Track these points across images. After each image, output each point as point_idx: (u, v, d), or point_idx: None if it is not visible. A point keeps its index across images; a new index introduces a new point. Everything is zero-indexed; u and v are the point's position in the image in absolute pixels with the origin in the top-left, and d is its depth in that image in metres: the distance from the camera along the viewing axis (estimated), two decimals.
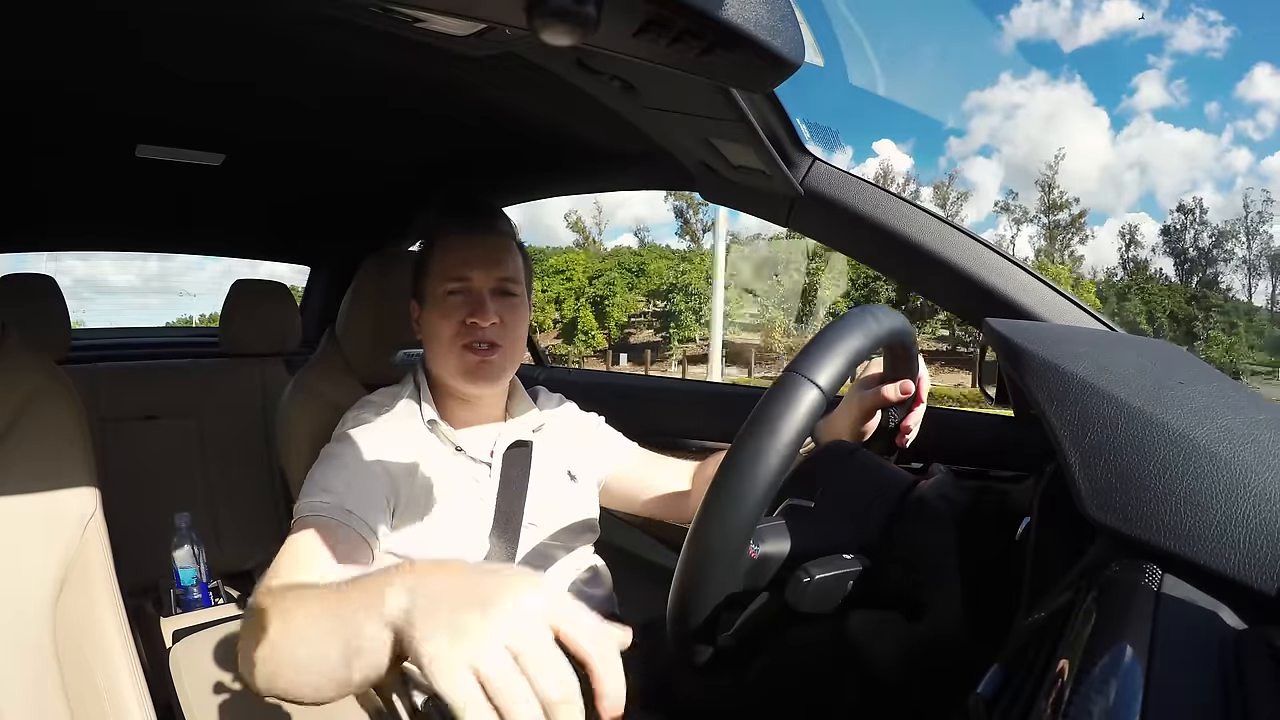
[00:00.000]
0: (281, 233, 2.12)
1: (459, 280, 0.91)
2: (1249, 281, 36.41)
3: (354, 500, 0.80)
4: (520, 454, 0.97)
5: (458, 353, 0.90)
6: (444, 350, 0.91)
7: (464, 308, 0.90)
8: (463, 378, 0.91)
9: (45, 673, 0.66)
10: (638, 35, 0.37)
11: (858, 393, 0.82)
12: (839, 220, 0.91)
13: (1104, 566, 0.42)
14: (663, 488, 1.05)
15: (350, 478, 0.83)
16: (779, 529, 0.58)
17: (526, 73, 0.77)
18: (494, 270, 0.92)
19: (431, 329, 0.93)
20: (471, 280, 0.91)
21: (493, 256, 0.93)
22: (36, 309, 1.49)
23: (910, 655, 0.66)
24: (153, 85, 1.11)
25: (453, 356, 0.91)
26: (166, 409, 1.71)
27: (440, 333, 0.91)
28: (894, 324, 0.62)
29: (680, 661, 0.57)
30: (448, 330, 0.90)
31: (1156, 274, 36.70)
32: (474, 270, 0.91)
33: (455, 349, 0.90)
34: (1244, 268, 36.20)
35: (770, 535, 0.58)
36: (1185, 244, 36.91)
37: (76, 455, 0.73)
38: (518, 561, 0.90)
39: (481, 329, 0.89)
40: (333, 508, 0.78)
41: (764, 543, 0.57)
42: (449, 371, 0.92)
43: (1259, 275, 36.31)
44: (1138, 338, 0.67)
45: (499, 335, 0.91)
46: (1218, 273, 36.28)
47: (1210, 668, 0.33)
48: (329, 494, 0.80)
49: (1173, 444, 0.42)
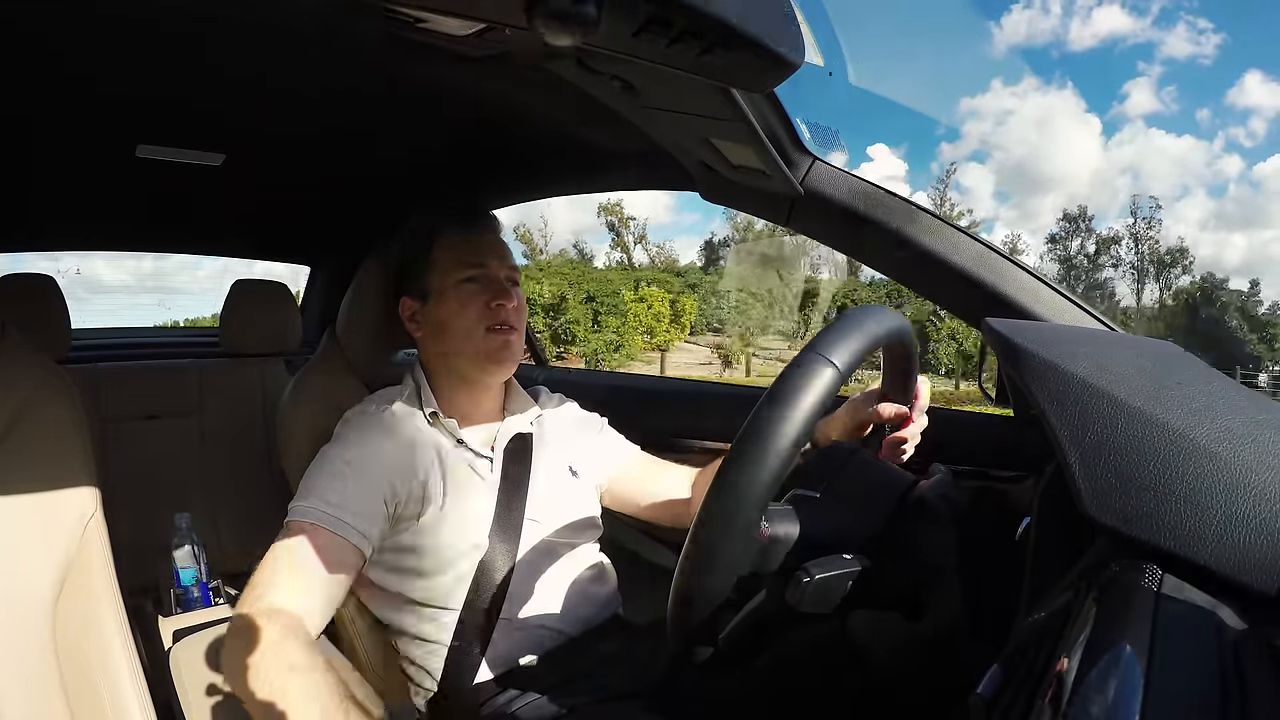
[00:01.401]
0: (282, 233, 2.12)
1: (477, 267, 0.94)
2: (1138, 286, 37.64)
3: (347, 506, 0.81)
4: (521, 449, 0.97)
5: (481, 335, 0.92)
6: (464, 335, 0.92)
7: (484, 293, 0.93)
8: (486, 360, 0.93)
9: (45, 672, 0.66)
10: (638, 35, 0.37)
11: (854, 405, 0.81)
12: (839, 220, 0.91)
13: (1104, 566, 0.42)
14: (664, 493, 1.05)
15: (346, 484, 0.83)
16: (789, 513, 0.58)
17: (526, 73, 0.77)
18: (505, 260, 0.96)
19: (446, 318, 0.93)
20: (489, 268, 0.94)
21: (501, 249, 0.97)
22: (36, 309, 1.49)
23: (910, 655, 0.66)
24: (153, 85, 1.11)
25: (476, 339, 0.92)
26: (166, 409, 1.70)
27: (461, 318, 0.92)
28: (904, 325, 0.63)
29: (682, 660, 0.57)
30: (470, 314, 0.92)
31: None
32: (490, 259, 0.95)
33: (479, 332, 0.92)
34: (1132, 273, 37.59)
35: (780, 518, 0.57)
36: (1071, 251, 38.18)
37: (76, 455, 0.73)
38: (519, 557, 0.91)
39: (505, 310, 0.93)
40: (323, 514, 0.80)
41: (775, 524, 0.57)
42: (470, 357, 0.93)
43: (1148, 279, 37.59)
44: (1138, 338, 0.67)
45: (516, 319, 0.95)
46: (1105, 278, 37.65)
47: (1210, 668, 0.33)
48: (321, 499, 0.81)
49: (1173, 444, 0.42)
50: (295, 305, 1.89)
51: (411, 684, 0.92)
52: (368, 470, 0.85)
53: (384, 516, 0.85)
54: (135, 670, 0.69)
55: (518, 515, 0.92)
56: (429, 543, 0.87)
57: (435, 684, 0.88)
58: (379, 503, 0.84)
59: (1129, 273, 37.86)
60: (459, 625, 0.87)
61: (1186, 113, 57.98)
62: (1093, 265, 37.98)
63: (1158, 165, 55.98)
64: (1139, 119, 57.96)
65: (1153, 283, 37.58)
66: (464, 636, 0.87)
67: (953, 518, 0.59)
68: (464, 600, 0.88)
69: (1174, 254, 37.49)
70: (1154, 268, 37.38)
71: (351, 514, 0.81)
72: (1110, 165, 57.27)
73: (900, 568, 0.58)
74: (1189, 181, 56.72)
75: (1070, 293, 0.83)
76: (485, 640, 0.87)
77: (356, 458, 0.86)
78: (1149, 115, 57.76)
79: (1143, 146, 56.78)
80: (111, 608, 0.70)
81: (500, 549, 0.90)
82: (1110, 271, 37.99)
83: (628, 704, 0.85)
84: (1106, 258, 37.97)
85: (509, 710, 0.84)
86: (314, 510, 0.80)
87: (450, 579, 0.88)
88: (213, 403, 1.75)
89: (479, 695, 0.86)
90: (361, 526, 0.81)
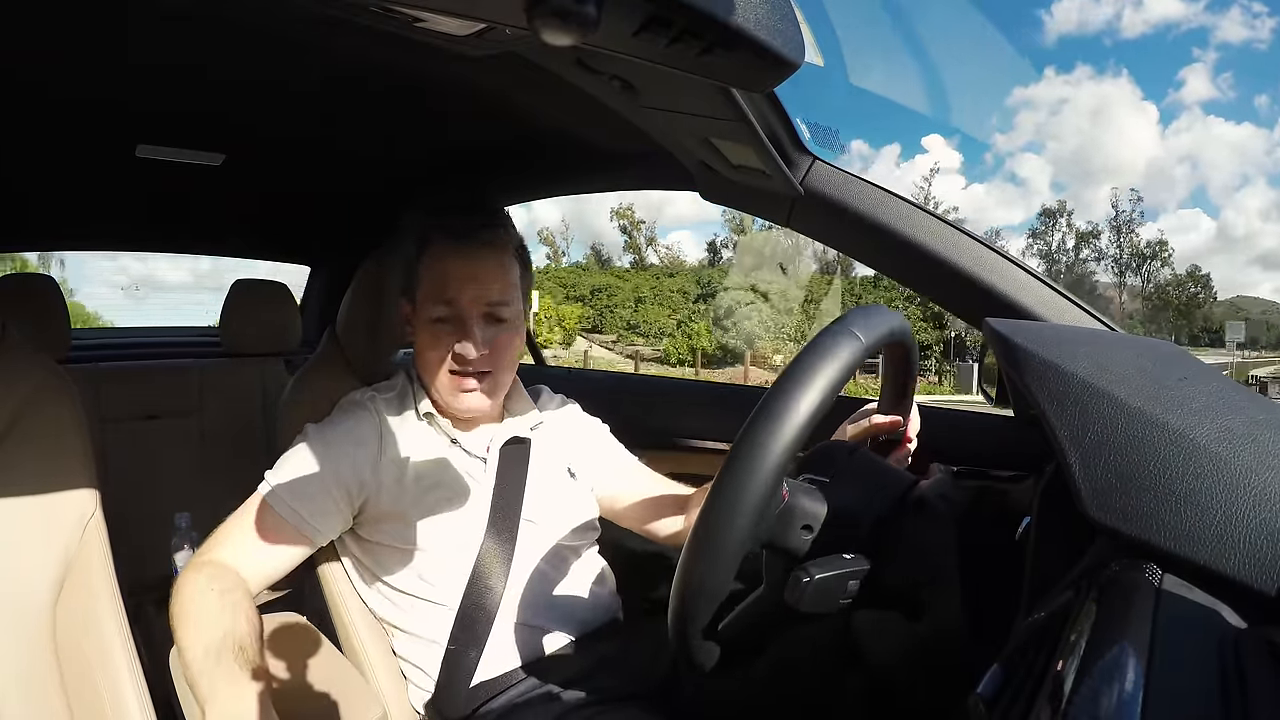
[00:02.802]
0: (282, 233, 2.12)
1: (446, 304, 0.88)
2: (1120, 279, 37.94)
3: (301, 498, 0.85)
4: (518, 451, 0.97)
5: (445, 377, 0.90)
6: (431, 374, 0.91)
7: (451, 337, 0.88)
8: (450, 400, 0.92)
9: (45, 672, 0.66)
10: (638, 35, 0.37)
11: (852, 419, 0.82)
12: (839, 220, 0.91)
13: (1104, 566, 0.42)
14: (659, 508, 1.03)
15: (307, 476, 0.86)
16: (805, 487, 0.58)
17: (526, 73, 0.77)
18: (483, 293, 0.88)
19: (419, 347, 0.92)
20: (460, 306, 0.88)
21: (482, 275, 0.89)
22: (36, 309, 1.49)
23: (910, 655, 0.66)
24: (153, 85, 1.11)
25: (441, 381, 0.91)
26: (166, 409, 1.70)
27: (428, 358, 0.91)
28: (907, 325, 0.64)
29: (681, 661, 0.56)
30: (435, 356, 0.90)
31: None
32: (462, 292, 0.88)
33: (443, 374, 0.90)
34: (1114, 266, 38.01)
35: (798, 489, 0.58)
36: (1051, 246, 38.52)
37: (76, 455, 0.73)
38: (515, 559, 0.90)
39: (468, 360, 0.88)
40: (277, 499, 0.85)
41: (794, 493, 0.57)
42: (437, 390, 0.92)
43: (1130, 272, 38.01)
44: (1138, 338, 0.67)
45: (487, 363, 0.90)
46: (1087, 272, 37.91)
47: (1210, 668, 0.33)
48: (283, 484, 0.86)
49: (1173, 444, 0.42)
50: (295, 305, 1.89)
51: (409, 684, 0.92)
52: (335, 463, 0.87)
53: (344, 510, 0.88)
54: (135, 670, 0.70)
55: (514, 517, 0.92)
56: (418, 539, 0.88)
57: (432, 685, 0.88)
58: (337, 499, 0.87)
59: (1111, 265, 38.46)
60: (455, 626, 0.87)
61: (1245, 99, 57.03)
62: (1075, 260, 38.43)
63: (1216, 154, 55.24)
64: (1196, 106, 57.11)
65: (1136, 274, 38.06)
66: (461, 637, 0.87)
67: (953, 518, 0.59)
68: (460, 600, 0.88)
69: (1153, 247, 37.88)
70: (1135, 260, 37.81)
71: (305, 508, 0.85)
72: (1168, 154, 56.59)
73: (900, 568, 0.58)
74: (1249, 170, 55.91)
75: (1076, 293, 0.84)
76: (482, 641, 0.87)
77: (326, 449, 0.88)
78: (1206, 102, 56.87)
79: (1200, 134, 55.88)
80: (111, 608, 0.71)
81: (496, 550, 0.90)
82: (1093, 265, 38.61)
83: (627, 706, 0.85)
84: (1090, 251, 38.43)
85: (507, 712, 0.84)
86: (273, 493, 0.86)
87: (443, 577, 0.88)
88: (213, 403, 1.76)
89: (476, 696, 0.86)
90: (312, 520, 0.85)
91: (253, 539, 0.83)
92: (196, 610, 0.73)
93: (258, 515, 0.84)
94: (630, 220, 41.61)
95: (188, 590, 0.76)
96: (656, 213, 49.95)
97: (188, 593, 0.75)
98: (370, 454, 0.88)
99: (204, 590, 0.75)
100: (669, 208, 53.89)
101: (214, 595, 0.75)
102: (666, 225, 62.97)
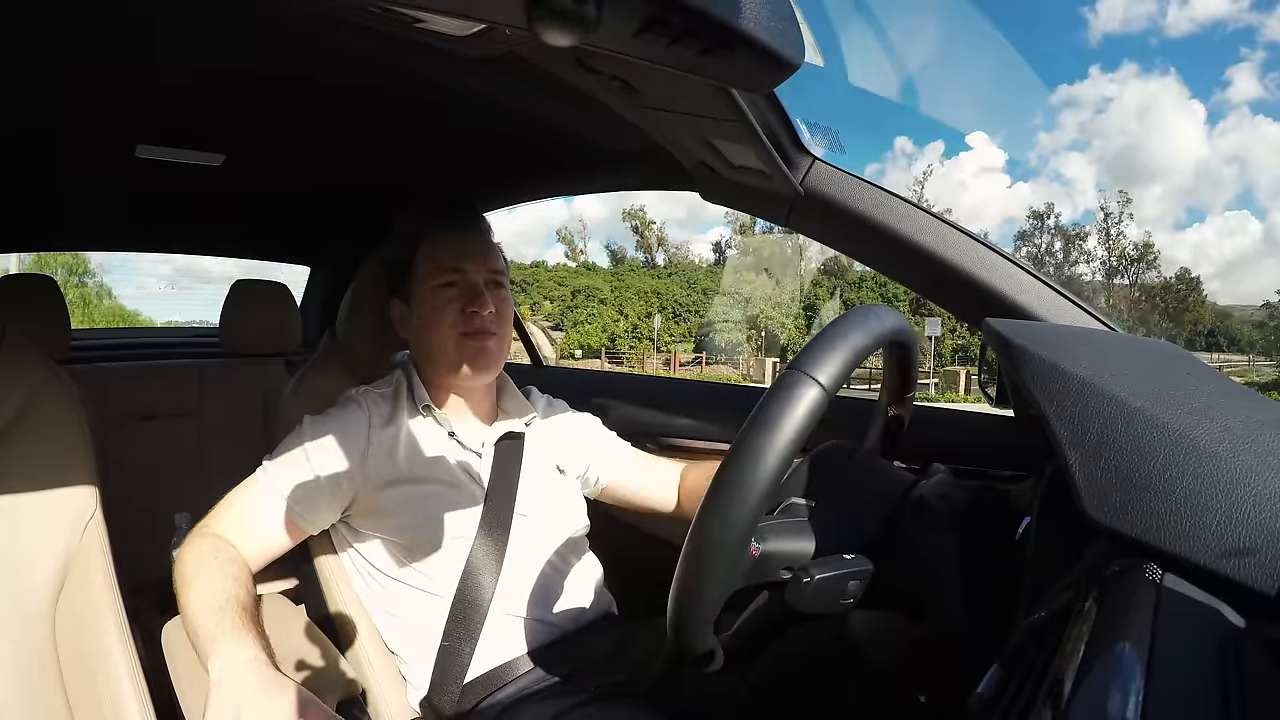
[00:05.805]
0: (281, 233, 2.12)
1: (454, 272, 0.93)
2: (1108, 280, 38.10)
3: (293, 490, 0.87)
4: (512, 446, 0.98)
5: (456, 341, 0.92)
6: (441, 341, 0.93)
7: (460, 299, 0.93)
8: (462, 366, 0.93)
9: (45, 672, 0.66)
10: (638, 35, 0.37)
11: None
12: (839, 220, 0.91)
13: (1104, 566, 0.42)
14: (655, 487, 1.07)
15: (299, 470, 0.88)
16: (780, 527, 0.58)
17: (527, 73, 0.77)
18: (486, 262, 0.95)
19: (427, 322, 0.94)
20: (466, 272, 0.93)
21: (483, 249, 0.96)
22: (36, 309, 1.49)
23: (910, 655, 0.66)
24: (153, 86, 1.11)
25: (451, 346, 0.92)
26: (166, 409, 1.70)
27: (438, 324, 0.93)
28: (897, 324, 0.60)
29: (680, 661, 0.57)
30: (445, 321, 0.92)
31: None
32: (468, 262, 0.94)
33: (454, 338, 0.92)
34: (1102, 269, 38.28)
35: (772, 533, 0.58)
36: (1039, 248, 38.80)
37: (76, 455, 0.73)
38: (509, 553, 0.91)
39: (480, 317, 0.92)
40: (271, 487, 0.87)
41: (766, 541, 0.57)
42: (447, 362, 0.94)
43: (1117, 274, 38.28)
44: (1138, 338, 0.67)
45: (494, 324, 0.94)
46: (1074, 274, 38.04)
47: (1210, 667, 0.33)
48: (277, 473, 0.88)
49: (1173, 444, 0.42)
50: (295, 305, 1.89)
51: (406, 682, 0.92)
52: (324, 456, 0.88)
53: (333, 503, 0.89)
54: (135, 670, 0.70)
55: (507, 511, 0.93)
56: (414, 530, 0.89)
57: (428, 681, 0.88)
58: (327, 491, 0.88)
59: (1100, 268, 38.59)
60: (449, 620, 0.88)
61: None
62: (1064, 261, 38.74)
63: (1265, 154, 54.38)
64: (1244, 105, 56.23)
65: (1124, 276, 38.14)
66: (454, 632, 0.87)
67: (953, 518, 0.59)
68: (454, 594, 0.88)
69: (1140, 249, 37.87)
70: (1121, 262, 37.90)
71: (294, 499, 0.87)
72: (1215, 154, 55.78)
73: (900, 568, 0.58)
74: None
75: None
76: (475, 636, 0.88)
77: (317, 442, 0.89)
78: (1254, 102, 55.95)
79: (1249, 134, 54.83)
80: (111, 608, 0.71)
81: (489, 544, 0.90)
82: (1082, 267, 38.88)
83: (623, 702, 0.85)
84: (1078, 254, 38.58)
85: (502, 709, 0.85)
86: (269, 480, 0.88)
87: (438, 569, 0.89)
88: (213, 403, 1.75)
89: (471, 693, 0.86)
90: (302, 508, 0.87)
91: (249, 519, 0.87)
92: (200, 575, 0.77)
93: (254, 498, 0.88)
94: (641, 221, 43.32)
95: (191, 558, 0.80)
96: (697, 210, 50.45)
97: (191, 560, 0.79)
98: (359, 447, 0.90)
99: (208, 558, 0.79)
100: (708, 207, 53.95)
101: (217, 563, 0.79)
102: (708, 220, 61.90)
